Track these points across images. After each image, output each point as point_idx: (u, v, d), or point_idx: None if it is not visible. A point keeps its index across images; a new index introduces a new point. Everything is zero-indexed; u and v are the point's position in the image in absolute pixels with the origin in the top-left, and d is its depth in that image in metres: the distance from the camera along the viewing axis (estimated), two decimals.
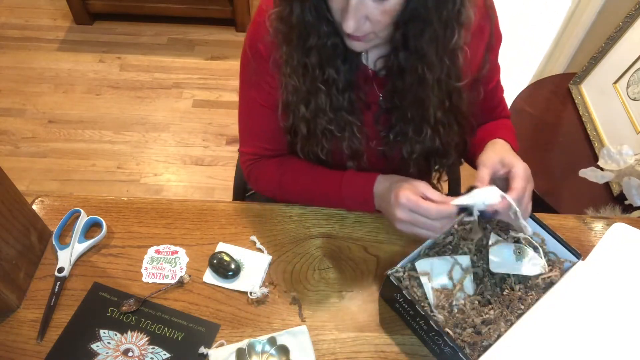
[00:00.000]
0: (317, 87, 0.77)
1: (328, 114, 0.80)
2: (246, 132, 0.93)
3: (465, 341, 0.72)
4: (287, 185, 0.91)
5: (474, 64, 0.83)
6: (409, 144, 0.84)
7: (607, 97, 1.35)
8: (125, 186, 2.02)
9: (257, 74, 0.83)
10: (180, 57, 2.53)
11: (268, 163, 0.93)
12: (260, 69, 0.82)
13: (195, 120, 2.25)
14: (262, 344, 0.75)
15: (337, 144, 0.84)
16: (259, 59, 0.81)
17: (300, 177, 0.91)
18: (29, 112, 2.26)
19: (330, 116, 0.80)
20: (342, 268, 0.86)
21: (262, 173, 0.94)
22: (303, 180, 0.91)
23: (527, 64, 1.87)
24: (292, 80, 0.77)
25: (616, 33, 1.32)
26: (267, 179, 0.93)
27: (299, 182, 0.91)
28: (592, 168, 1.07)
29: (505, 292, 0.77)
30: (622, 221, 0.90)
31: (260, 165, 0.93)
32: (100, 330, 0.77)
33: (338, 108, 0.80)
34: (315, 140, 0.85)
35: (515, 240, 0.82)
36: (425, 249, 0.81)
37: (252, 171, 0.95)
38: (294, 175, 0.91)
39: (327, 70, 0.75)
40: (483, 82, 0.88)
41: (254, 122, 0.90)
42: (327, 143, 0.84)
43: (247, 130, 0.93)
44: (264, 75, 0.82)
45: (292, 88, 0.79)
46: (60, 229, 0.87)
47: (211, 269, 0.83)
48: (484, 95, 0.88)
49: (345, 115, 0.80)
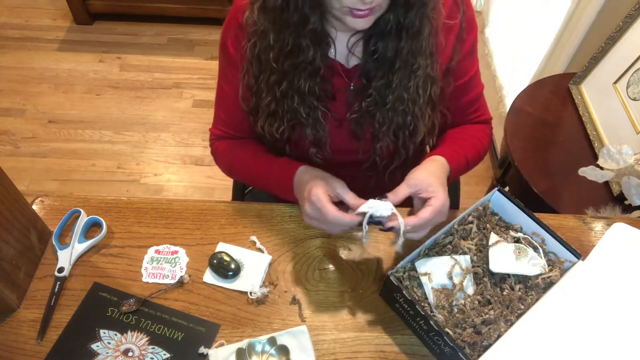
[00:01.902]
0: (302, 67, 0.79)
1: (300, 94, 0.81)
2: (216, 115, 0.99)
3: (465, 341, 0.72)
4: (236, 164, 0.98)
5: (445, 54, 0.84)
6: (379, 115, 0.84)
7: (607, 97, 1.35)
8: (125, 186, 2.02)
9: (226, 65, 0.90)
10: (180, 57, 2.53)
11: (224, 143, 0.99)
12: (227, 61, 0.89)
13: (195, 120, 2.25)
14: (262, 344, 0.75)
15: (300, 131, 0.86)
16: (227, 53, 0.87)
17: (248, 159, 0.96)
18: (29, 112, 2.26)
19: (301, 96, 0.82)
20: (342, 268, 0.86)
21: (219, 151, 1.00)
22: (249, 162, 0.95)
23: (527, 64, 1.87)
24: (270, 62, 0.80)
25: (616, 33, 1.32)
26: (221, 155, 1.00)
27: (246, 163, 0.96)
28: (591, 167, 1.07)
29: (505, 292, 0.77)
30: (622, 221, 0.90)
31: (218, 144, 1.00)
32: (100, 330, 0.77)
33: (309, 92, 0.81)
34: (277, 119, 0.86)
35: (515, 240, 0.82)
36: (425, 249, 0.81)
37: (213, 148, 1.02)
38: (242, 155, 0.96)
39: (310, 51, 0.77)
40: (454, 75, 0.87)
41: (221, 108, 0.97)
42: (289, 126, 0.86)
43: (216, 113, 0.99)
44: (230, 68, 0.89)
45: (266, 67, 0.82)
46: (60, 229, 0.87)
47: (211, 269, 0.83)
48: (454, 89, 0.88)
49: (312, 101, 0.82)
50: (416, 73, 0.80)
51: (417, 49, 0.77)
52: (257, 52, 0.81)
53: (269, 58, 0.79)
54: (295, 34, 0.74)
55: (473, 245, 0.82)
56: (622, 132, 1.27)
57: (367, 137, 0.89)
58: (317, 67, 0.79)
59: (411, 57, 0.78)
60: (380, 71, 0.80)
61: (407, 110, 0.83)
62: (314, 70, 0.79)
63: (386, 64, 0.79)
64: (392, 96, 0.81)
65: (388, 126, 0.85)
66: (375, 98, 0.82)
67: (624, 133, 1.27)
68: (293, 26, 0.73)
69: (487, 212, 0.86)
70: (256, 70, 0.83)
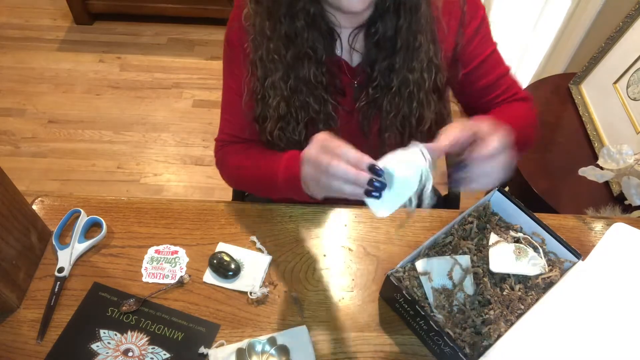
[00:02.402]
0: (305, 54, 0.77)
1: (310, 84, 0.80)
2: (223, 119, 0.95)
3: (465, 341, 0.72)
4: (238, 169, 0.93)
5: (448, 41, 0.84)
6: (386, 102, 0.83)
7: (607, 97, 1.35)
8: (125, 186, 2.02)
9: (232, 61, 0.87)
10: (180, 57, 2.53)
11: (231, 149, 0.94)
12: (233, 56, 0.86)
13: (195, 120, 2.25)
14: (262, 344, 0.75)
15: (313, 130, 0.83)
16: (232, 48, 0.85)
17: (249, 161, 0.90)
18: (29, 112, 2.26)
19: (310, 88, 0.80)
20: (342, 268, 0.86)
21: (226, 158, 0.95)
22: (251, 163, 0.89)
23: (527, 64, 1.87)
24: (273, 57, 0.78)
25: (616, 33, 1.32)
26: (227, 164, 0.95)
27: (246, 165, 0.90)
28: (591, 167, 1.07)
29: (505, 292, 0.77)
30: (622, 221, 0.90)
31: (227, 149, 0.95)
32: (100, 330, 0.77)
33: (317, 82, 0.80)
34: (290, 120, 0.84)
35: (515, 240, 0.82)
36: (425, 249, 0.81)
37: (219, 158, 0.97)
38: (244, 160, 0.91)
39: (313, 34, 0.75)
40: (462, 60, 0.86)
41: (229, 110, 0.93)
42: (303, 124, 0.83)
43: (224, 118, 0.95)
44: (238, 65, 0.85)
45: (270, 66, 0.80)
46: (60, 229, 0.87)
47: (211, 269, 0.83)
48: (469, 74, 0.87)
49: (321, 93, 0.81)
50: (418, 52, 0.79)
51: (416, 26, 0.76)
52: (259, 54, 0.81)
53: (271, 52, 0.78)
54: (289, 18, 0.74)
55: (473, 245, 0.82)
56: (622, 132, 1.27)
57: (374, 132, 0.88)
58: (320, 55, 0.78)
59: (411, 36, 0.77)
60: (382, 53, 0.80)
61: (412, 96, 0.82)
62: (317, 59, 0.78)
63: (388, 46, 0.78)
64: (396, 79, 0.80)
65: (395, 114, 0.84)
66: (380, 83, 0.82)
67: (624, 133, 1.27)
68: (284, 7, 0.73)
69: (487, 212, 0.86)
70: (260, 73, 0.82)
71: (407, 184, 0.59)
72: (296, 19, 0.74)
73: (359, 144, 0.89)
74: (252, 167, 0.89)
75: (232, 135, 0.95)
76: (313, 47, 0.77)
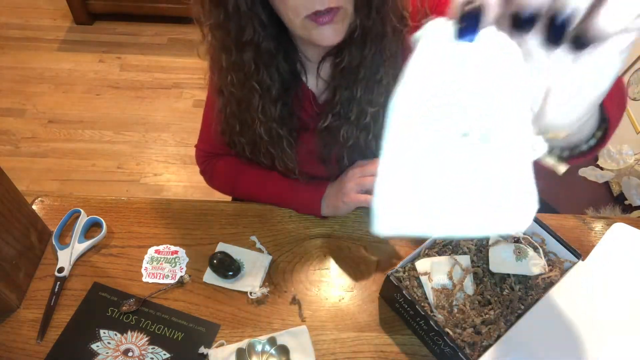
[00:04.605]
0: (251, 87, 0.76)
1: (260, 119, 0.79)
2: (204, 128, 0.96)
3: (465, 341, 0.72)
4: (242, 189, 0.95)
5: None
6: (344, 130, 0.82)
7: None
8: (125, 186, 2.02)
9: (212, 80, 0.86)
10: (180, 57, 2.52)
11: (223, 163, 0.96)
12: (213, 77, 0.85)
13: (195, 120, 2.24)
14: (262, 344, 0.75)
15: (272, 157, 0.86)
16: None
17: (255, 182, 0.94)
18: (29, 112, 2.26)
19: (262, 121, 0.80)
20: (342, 268, 0.86)
21: (217, 173, 0.98)
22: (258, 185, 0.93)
23: None
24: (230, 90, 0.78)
25: None
26: (222, 179, 0.97)
27: (253, 187, 0.94)
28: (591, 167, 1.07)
29: (505, 292, 0.77)
30: (622, 221, 0.90)
31: (216, 163, 0.97)
32: (100, 330, 0.77)
33: (271, 118, 0.79)
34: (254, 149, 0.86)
35: (515, 240, 0.82)
36: (425, 249, 0.81)
37: (206, 168, 0.99)
38: (249, 178, 0.94)
39: (262, 71, 0.74)
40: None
41: (211, 121, 0.92)
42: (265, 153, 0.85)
43: (205, 127, 0.96)
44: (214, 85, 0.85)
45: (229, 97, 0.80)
46: (60, 229, 0.87)
47: (211, 269, 0.83)
48: None
49: (276, 128, 0.81)
50: (379, 86, 0.76)
51: (380, 58, 0.73)
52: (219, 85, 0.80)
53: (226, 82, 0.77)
54: (236, 47, 0.72)
55: (473, 245, 0.82)
56: (622, 132, 1.27)
57: (332, 161, 0.88)
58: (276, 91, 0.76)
59: (375, 66, 0.74)
60: (344, 81, 0.77)
61: (368, 128, 0.81)
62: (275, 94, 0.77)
63: (351, 75, 0.76)
64: (356, 109, 0.79)
65: (351, 145, 0.83)
66: (340, 112, 0.80)
67: (624, 133, 1.27)
68: (233, 38, 0.71)
69: None
70: (221, 102, 0.82)
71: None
72: (244, 52, 0.72)
73: (318, 172, 0.90)
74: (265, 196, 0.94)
75: (219, 148, 0.96)
76: (270, 81, 0.75)
